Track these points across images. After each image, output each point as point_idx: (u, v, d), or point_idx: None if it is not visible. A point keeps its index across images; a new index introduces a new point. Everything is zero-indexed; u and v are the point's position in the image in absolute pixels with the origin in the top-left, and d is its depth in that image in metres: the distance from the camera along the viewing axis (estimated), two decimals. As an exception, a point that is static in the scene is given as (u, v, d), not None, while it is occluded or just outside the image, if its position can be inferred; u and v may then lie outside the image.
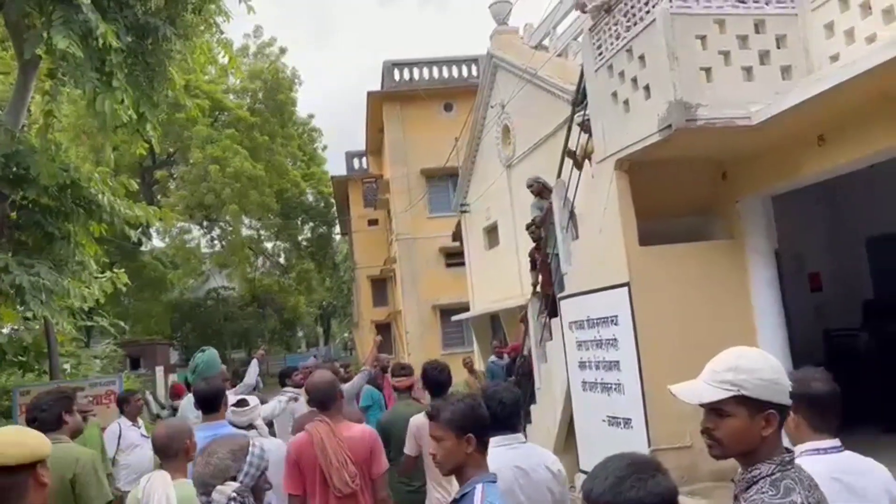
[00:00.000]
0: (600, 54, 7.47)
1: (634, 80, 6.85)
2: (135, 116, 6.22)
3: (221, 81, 34.06)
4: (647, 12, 6.52)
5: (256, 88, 35.85)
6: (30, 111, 8.59)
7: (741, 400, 1.82)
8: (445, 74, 26.47)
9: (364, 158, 33.58)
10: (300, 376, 7.42)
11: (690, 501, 6.29)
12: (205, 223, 39.10)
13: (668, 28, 6.25)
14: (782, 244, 7.75)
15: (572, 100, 9.09)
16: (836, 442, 2.50)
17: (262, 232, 42.61)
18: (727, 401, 1.83)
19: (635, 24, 6.75)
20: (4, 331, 11.74)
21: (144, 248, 31.92)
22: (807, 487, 1.79)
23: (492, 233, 16.86)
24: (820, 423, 2.49)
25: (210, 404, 4.43)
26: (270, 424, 6.09)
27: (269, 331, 43.24)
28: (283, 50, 37.77)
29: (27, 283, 6.13)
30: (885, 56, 4.93)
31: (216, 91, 32.59)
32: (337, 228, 43.47)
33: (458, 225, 19.36)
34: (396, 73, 26.38)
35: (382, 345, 10.13)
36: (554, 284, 8.86)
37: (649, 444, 6.76)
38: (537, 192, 9.69)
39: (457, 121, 21.85)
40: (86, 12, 5.33)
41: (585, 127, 8.11)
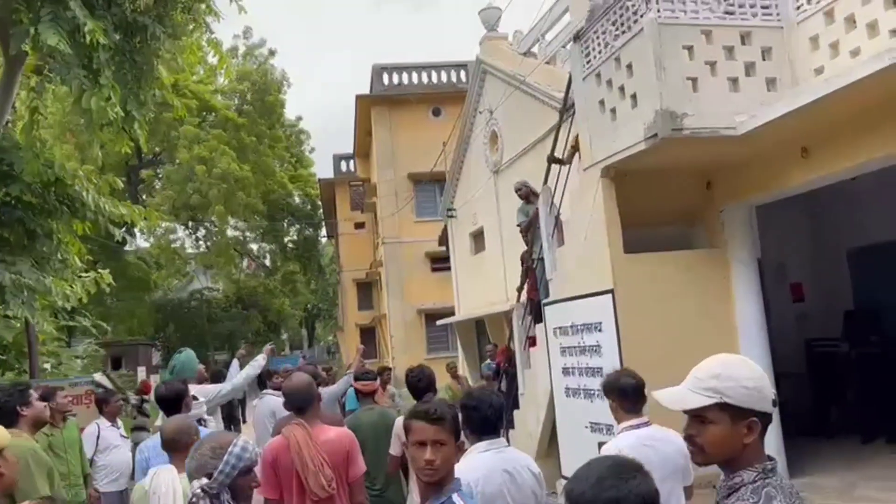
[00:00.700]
0: (588, 62, 7.52)
1: (622, 89, 6.90)
2: (122, 114, 6.17)
3: (210, 82, 33.90)
4: (636, 21, 6.57)
5: (245, 89, 35.70)
6: (14, 108, 8.51)
7: (724, 407, 1.83)
8: (434, 79, 26.51)
9: (352, 161, 33.55)
10: (279, 379, 7.42)
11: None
12: (190, 224, 38.85)
13: (655, 37, 6.30)
14: (765, 254, 7.82)
15: (560, 107, 9.14)
16: (644, 419, 3.45)
17: (247, 233, 42.40)
18: (710, 408, 1.84)
19: (623, 33, 6.79)
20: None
21: (129, 248, 31.66)
22: (788, 495, 1.80)
23: (478, 238, 16.87)
24: (631, 407, 3.46)
25: (171, 405, 4.61)
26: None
27: (254, 333, 42.95)
28: (272, 52, 37.71)
29: (8, 282, 6.06)
30: (869, 70, 5.00)
31: (204, 91, 32.44)
32: (323, 231, 43.36)
33: (445, 230, 19.34)
34: (386, 77, 26.39)
35: (366, 350, 10.13)
36: (539, 290, 8.88)
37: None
38: (525, 196, 9.69)
39: (445, 126, 21.87)
40: (74, 9, 5.30)
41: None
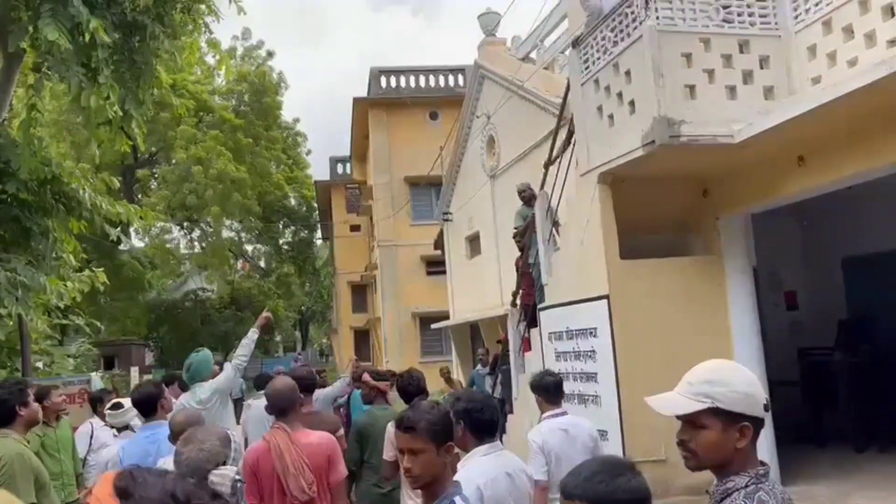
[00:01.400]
0: (587, 68, 7.54)
1: (620, 95, 6.92)
2: (120, 113, 6.16)
3: (207, 82, 33.88)
4: (635, 28, 6.59)
5: (242, 91, 35.68)
6: (11, 105, 8.49)
7: (716, 412, 1.84)
8: (432, 83, 26.53)
9: (348, 164, 33.54)
10: None
11: (664, 515, 6.33)
12: (186, 224, 38.76)
13: (654, 44, 6.32)
14: (760, 262, 7.84)
15: (558, 113, 9.15)
16: (561, 409, 4.50)
17: (243, 234, 42.32)
18: (702, 413, 1.85)
19: (622, 40, 6.81)
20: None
21: (123, 248, 31.56)
22: (779, 501, 1.81)
23: (474, 242, 16.89)
24: (552, 400, 4.50)
25: (146, 407, 4.88)
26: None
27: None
28: (270, 53, 37.71)
29: (3, 279, 6.04)
30: (867, 80, 5.02)
31: (202, 92, 32.41)
32: (318, 233, 43.30)
33: (441, 233, 19.36)
34: (383, 81, 26.40)
35: (360, 352, 10.21)
36: (535, 294, 8.87)
37: (624, 456, 6.78)
38: (528, 198, 9.53)
39: (442, 130, 21.90)
40: (76, 6, 5.29)
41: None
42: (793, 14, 6.62)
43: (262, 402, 6.60)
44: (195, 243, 40.92)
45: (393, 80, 26.47)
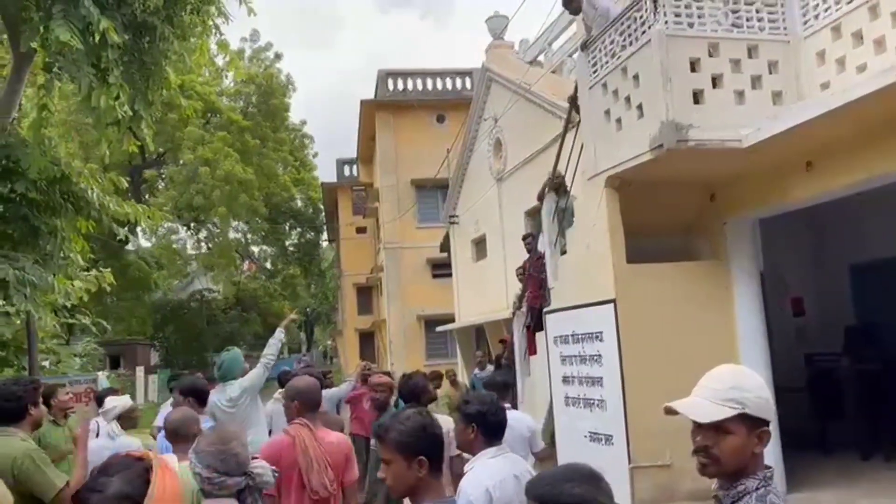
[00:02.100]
0: (595, 72, 7.54)
1: (628, 99, 6.92)
2: (129, 113, 6.19)
3: (215, 83, 33.99)
4: (643, 32, 6.59)
5: (250, 92, 35.82)
6: (20, 105, 8.53)
7: (743, 418, 1.85)
8: (439, 86, 26.57)
9: (355, 166, 33.59)
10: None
11: (669, 520, 6.32)
12: (192, 225, 38.89)
13: (662, 49, 6.32)
14: (767, 267, 7.82)
15: (565, 117, 9.13)
16: (507, 405, 4.29)
17: (249, 236, 42.44)
18: (731, 419, 1.85)
19: (631, 44, 6.82)
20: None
21: (130, 248, 31.67)
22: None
23: (480, 245, 16.88)
24: (499, 396, 4.39)
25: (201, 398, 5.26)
26: None
27: (252, 335, 42.92)
28: (278, 55, 37.91)
29: (12, 277, 6.07)
30: (876, 86, 5.01)
31: (210, 93, 32.52)
32: (324, 235, 43.36)
33: (447, 236, 19.36)
34: (391, 83, 26.44)
35: (365, 355, 10.27)
36: (544, 295, 8.80)
37: (629, 461, 6.77)
38: (556, 186, 8.93)
39: (449, 132, 21.91)
40: (87, 6, 5.32)
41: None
42: (802, 19, 6.61)
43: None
44: (202, 244, 41.10)
45: (400, 82, 26.51)
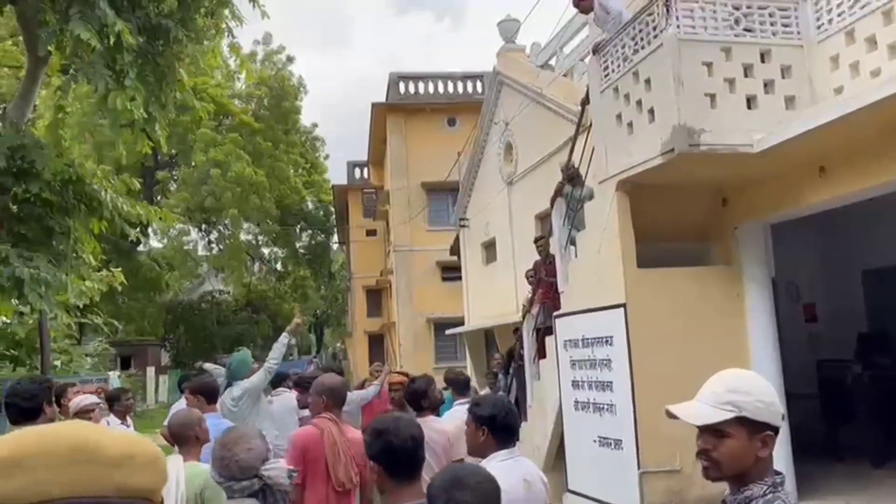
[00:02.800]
0: (606, 76, 7.53)
1: (639, 103, 6.90)
2: (144, 115, 6.26)
3: (227, 86, 34.17)
4: (655, 36, 6.59)
5: (262, 95, 35.97)
6: (35, 107, 8.61)
7: (741, 421, 1.85)
8: (450, 89, 26.63)
9: (365, 168, 33.68)
10: (289, 382, 8.07)
11: (678, 525, 6.29)
12: (204, 226, 39.07)
13: (675, 53, 6.31)
14: (779, 273, 7.78)
15: (577, 120, 9.12)
16: (466, 399, 4.64)
17: (260, 237, 42.57)
18: (728, 422, 1.85)
19: (643, 48, 6.81)
20: (-2, 323, 11.72)
21: (142, 249, 31.87)
22: (795, 510, 1.82)
23: (490, 248, 16.88)
24: (461, 392, 4.89)
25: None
26: None
27: (262, 337, 43.08)
28: (290, 58, 38.02)
29: (27, 276, 6.13)
30: (890, 91, 4.99)
31: (222, 95, 32.70)
32: (335, 237, 43.47)
33: (457, 239, 19.37)
34: (402, 86, 26.51)
35: (374, 357, 10.30)
36: (554, 298, 8.74)
37: (639, 466, 6.75)
38: (571, 177, 8.70)
39: (459, 135, 21.93)
40: (103, 8, 5.38)
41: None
42: (815, 24, 6.59)
43: (289, 396, 7.24)
44: (213, 245, 41.23)
45: (411, 85, 26.59)
